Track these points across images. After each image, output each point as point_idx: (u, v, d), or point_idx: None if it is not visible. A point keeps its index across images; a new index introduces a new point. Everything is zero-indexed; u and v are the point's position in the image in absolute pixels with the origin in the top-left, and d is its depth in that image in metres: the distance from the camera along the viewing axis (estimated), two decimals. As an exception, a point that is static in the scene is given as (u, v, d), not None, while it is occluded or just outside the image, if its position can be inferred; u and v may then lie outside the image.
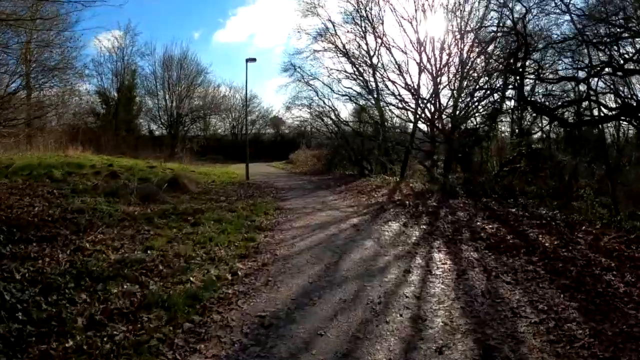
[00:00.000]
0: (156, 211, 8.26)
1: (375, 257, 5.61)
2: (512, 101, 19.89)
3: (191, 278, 4.50)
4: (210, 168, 24.11)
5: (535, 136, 22.75)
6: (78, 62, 17.78)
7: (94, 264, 4.85)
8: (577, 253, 5.58)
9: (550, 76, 10.86)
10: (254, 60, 15.51)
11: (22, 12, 13.43)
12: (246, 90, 16.00)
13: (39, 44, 16.06)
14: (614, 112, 10.37)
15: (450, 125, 20.34)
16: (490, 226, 7.61)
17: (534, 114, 21.28)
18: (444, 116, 19.92)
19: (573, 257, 5.38)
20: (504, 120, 20.62)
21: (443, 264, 5.43)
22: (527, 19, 9.43)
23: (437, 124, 20.58)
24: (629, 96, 11.72)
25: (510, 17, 9.62)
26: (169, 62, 28.63)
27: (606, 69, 9.85)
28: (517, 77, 10.45)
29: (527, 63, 13.02)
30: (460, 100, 19.28)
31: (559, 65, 12.58)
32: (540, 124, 23.51)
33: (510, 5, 9.34)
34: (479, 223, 7.99)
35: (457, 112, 19.72)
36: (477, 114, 19.64)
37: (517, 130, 21.95)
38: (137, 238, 6.23)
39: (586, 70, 10.24)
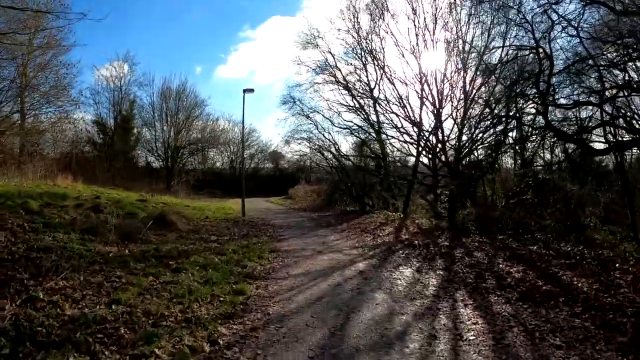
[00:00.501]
0: (135, 253, 7.25)
1: (390, 316, 4.56)
2: (514, 132, 19.61)
3: (157, 350, 3.45)
4: (207, 203, 23.17)
5: (539, 167, 22.27)
6: (74, 89, 17.30)
7: (42, 321, 3.85)
8: (623, 298, 4.84)
9: (563, 101, 10.21)
10: (251, 91, 15.01)
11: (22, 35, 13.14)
12: (243, 121, 15.51)
13: (34, 68, 15.72)
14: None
15: (454, 158, 19.71)
16: (516, 269, 6.73)
17: (537, 143, 20.91)
18: (447, 147, 19.35)
19: (620, 304, 4.63)
20: (508, 151, 20.08)
21: (474, 323, 4.40)
22: (552, 34, 8.80)
23: (440, 157, 19.94)
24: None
25: (532, 34, 9.02)
26: (167, 93, 28.46)
27: (622, 92, 9.23)
28: (540, 101, 9.74)
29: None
30: (464, 130, 18.78)
31: (566, 89, 12.21)
32: (542, 154, 23.06)
33: (531, 19, 8.72)
34: (501, 265, 7.08)
35: (461, 143, 19.16)
36: (480, 146, 19.08)
37: (519, 161, 21.31)
38: (105, 287, 5.23)
39: (599, 93, 9.63)
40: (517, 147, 20.32)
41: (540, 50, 8.84)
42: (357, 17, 19.44)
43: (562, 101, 10.64)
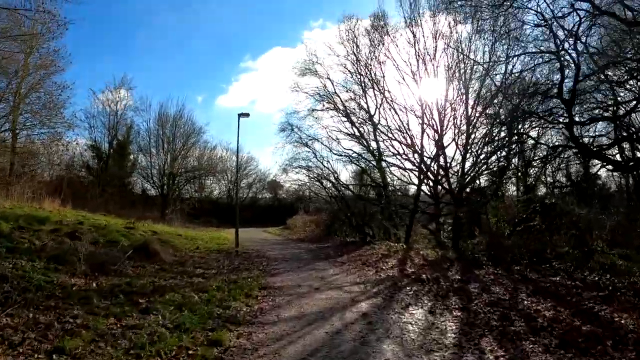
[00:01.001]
0: (103, 287, 6.26)
1: (405, 377, 3.53)
2: (517, 157, 18.91)
3: None
4: (201, 232, 22.09)
5: (541, 193, 21.50)
6: (67, 110, 16.72)
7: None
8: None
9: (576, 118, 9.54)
10: (247, 115, 14.40)
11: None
12: (237, 147, 14.71)
13: (26, 86, 15.18)
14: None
15: (457, 185, 18.88)
16: (544, 306, 5.86)
17: (539, 169, 20.13)
18: (450, 173, 18.56)
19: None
20: (511, 177, 19.30)
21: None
22: (580, 35, 8.05)
23: (443, 184, 19.11)
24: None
25: (553, 39, 8.36)
26: (164, 119, 27.92)
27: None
28: (566, 109, 9.00)
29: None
30: (467, 156, 18.06)
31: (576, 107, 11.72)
32: (543, 179, 22.25)
33: (553, 24, 8.04)
34: (526, 302, 6.21)
35: (464, 170, 18.39)
36: (485, 171, 18.30)
37: (522, 188, 20.46)
38: (54, 329, 4.30)
39: (612, 109, 8.98)
40: (519, 173, 19.60)
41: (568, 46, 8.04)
42: (356, 42, 19.27)
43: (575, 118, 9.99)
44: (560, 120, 12.27)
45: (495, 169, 18.78)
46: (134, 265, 8.47)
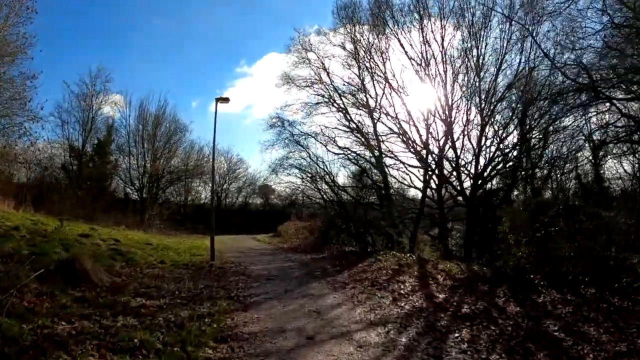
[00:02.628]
0: None
1: None
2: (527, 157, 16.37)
3: None
4: (180, 240, 19.03)
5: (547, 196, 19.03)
6: (33, 104, 13.59)
7: None
8: None
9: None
10: (226, 100, 11.57)
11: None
12: (214, 136, 11.72)
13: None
14: None
15: (471, 185, 16.15)
16: None
17: (547, 170, 17.53)
18: (463, 172, 15.84)
19: None
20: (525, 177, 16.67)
21: None
22: None
23: (453, 183, 16.36)
24: None
25: None
26: (144, 116, 24.84)
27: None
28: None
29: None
30: (482, 151, 15.36)
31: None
32: (554, 181, 19.70)
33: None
34: None
35: (478, 167, 15.68)
36: (503, 170, 15.59)
37: (529, 190, 17.84)
38: None
39: None
40: (531, 173, 17.00)
41: None
42: (355, 25, 16.64)
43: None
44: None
45: (508, 167, 16.24)
46: (40, 293, 5.54)
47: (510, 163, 15.96)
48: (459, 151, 15.69)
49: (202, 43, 47.24)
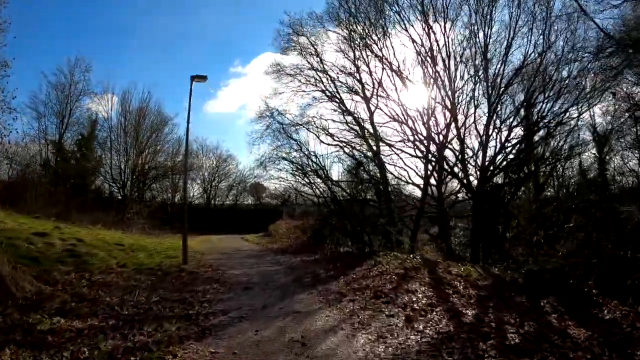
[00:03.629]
0: None
1: None
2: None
3: None
4: (160, 240, 17.10)
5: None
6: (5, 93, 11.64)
7: None
8: None
9: None
10: (203, 78, 9.77)
11: None
12: (188, 118, 9.86)
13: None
14: None
15: (478, 178, 14.48)
16: None
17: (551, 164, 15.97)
18: (469, 165, 14.17)
19: None
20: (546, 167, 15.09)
21: None
22: None
23: (460, 176, 14.70)
24: None
25: None
26: (126, 109, 22.82)
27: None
28: None
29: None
30: (490, 141, 13.69)
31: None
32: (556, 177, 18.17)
33: None
34: None
35: (486, 159, 14.02)
36: (514, 162, 13.93)
37: (531, 185, 16.30)
38: None
39: None
40: (541, 167, 15.41)
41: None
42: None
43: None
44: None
45: (518, 159, 14.61)
46: None
47: (520, 155, 14.35)
48: (464, 141, 14.06)
49: (195, 42, 45.49)
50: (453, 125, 14.05)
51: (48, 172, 22.57)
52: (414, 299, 5.73)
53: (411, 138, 14.75)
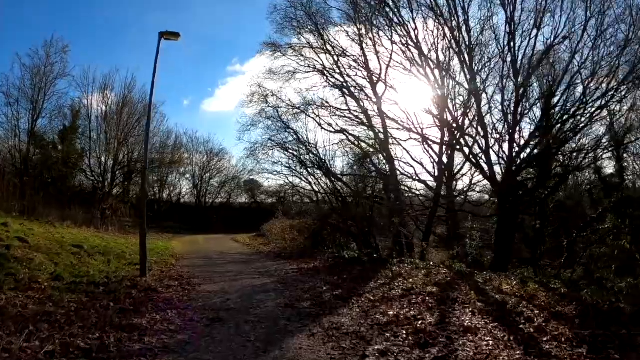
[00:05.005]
0: None
1: None
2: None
3: None
4: (135, 241, 14.58)
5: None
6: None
7: None
8: None
9: None
10: (175, 35, 7.40)
11: None
12: (153, 82, 7.41)
13: None
14: None
15: (504, 168, 12.10)
16: None
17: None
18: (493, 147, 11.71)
19: None
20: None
21: None
22: None
23: (483, 167, 12.29)
24: None
25: None
26: (108, 94, 20.19)
27: None
28: None
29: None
30: (521, 122, 11.28)
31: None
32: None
33: None
34: None
35: (514, 145, 11.59)
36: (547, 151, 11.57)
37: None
38: None
39: None
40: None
41: None
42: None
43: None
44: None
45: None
46: None
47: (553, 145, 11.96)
48: (487, 129, 11.70)
49: (193, 41, 42.93)
50: (475, 108, 11.70)
51: (17, 163, 20.01)
52: (484, 349, 3.38)
53: (423, 125, 12.37)
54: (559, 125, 11.58)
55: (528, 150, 11.79)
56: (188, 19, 40.52)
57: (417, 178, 13.89)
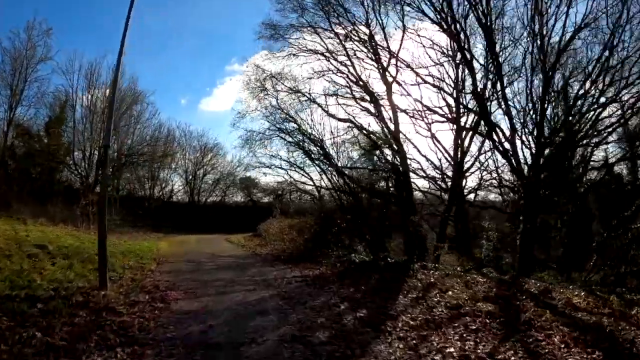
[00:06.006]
0: None
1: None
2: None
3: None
4: (117, 241, 12.86)
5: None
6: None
7: None
8: None
9: None
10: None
11: None
12: (123, 40, 5.73)
13: None
14: None
15: (533, 155, 10.45)
16: None
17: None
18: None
19: None
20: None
21: None
22: None
23: (509, 156, 10.63)
24: None
25: None
26: (93, 82, 18.34)
27: None
28: None
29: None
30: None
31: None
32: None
33: None
34: None
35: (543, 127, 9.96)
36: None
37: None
38: None
39: None
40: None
41: None
42: None
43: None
44: None
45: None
46: None
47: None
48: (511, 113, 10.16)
49: (192, 40, 41.13)
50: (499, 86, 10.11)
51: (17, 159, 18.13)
52: None
53: (439, 112, 10.85)
54: (592, 113, 10.14)
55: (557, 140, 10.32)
56: (186, 17, 38.91)
57: (428, 175, 12.43)
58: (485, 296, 4.93)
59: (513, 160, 10.24)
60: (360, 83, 12.12)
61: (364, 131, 11.27)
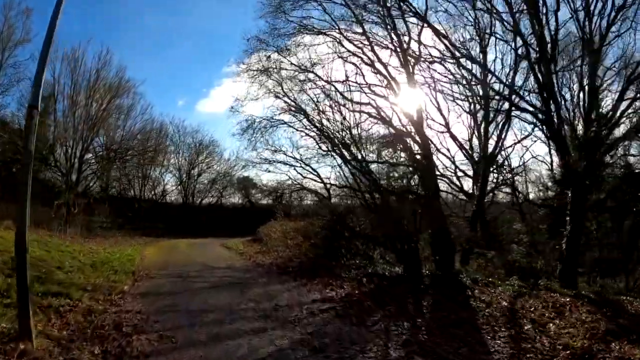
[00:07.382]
0: None
1: None
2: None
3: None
4: (99, 247, 10.85)
5: None
6: None
7: None
8: None
9: None
10: None
11: None
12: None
13: None
14: None
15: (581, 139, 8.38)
16: None
17: None
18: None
19: None
20: None
21: None
22: None
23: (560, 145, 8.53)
24: None
25: None
26: (76, 69, 16.15)
27: None
28: None
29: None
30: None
31: None
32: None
33: None
34: None
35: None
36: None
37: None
38: None
39: None
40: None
41: None
42: None
43: None
44: None
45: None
46: None
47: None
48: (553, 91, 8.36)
49: (190, 40, 39.25)
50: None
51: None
52: None
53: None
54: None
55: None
56: (184, 18, 36.93)
57: (454, 172, 10.67)
58: (609, 330, 3.14)
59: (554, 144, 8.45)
60: (377, 66, 10.25)
61: (383, 121, 9.39)
